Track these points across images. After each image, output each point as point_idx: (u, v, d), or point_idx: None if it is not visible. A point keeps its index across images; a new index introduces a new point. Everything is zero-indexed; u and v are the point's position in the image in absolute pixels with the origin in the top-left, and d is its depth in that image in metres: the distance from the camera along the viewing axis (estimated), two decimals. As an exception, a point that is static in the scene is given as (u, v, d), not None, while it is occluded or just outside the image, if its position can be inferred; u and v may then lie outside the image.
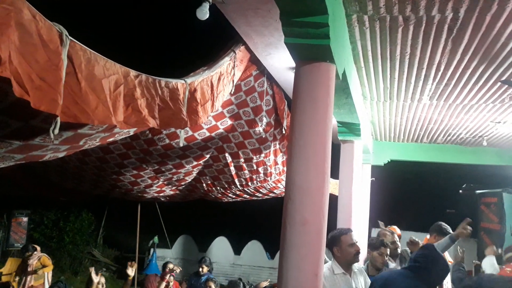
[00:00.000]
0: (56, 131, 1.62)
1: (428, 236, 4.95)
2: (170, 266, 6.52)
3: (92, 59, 1.75)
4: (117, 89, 1.99)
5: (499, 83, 4.42)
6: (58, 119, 1.61)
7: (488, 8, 2.97)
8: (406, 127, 7.05)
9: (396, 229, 5.46)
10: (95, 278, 5.11)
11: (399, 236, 5.32)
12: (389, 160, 8.55)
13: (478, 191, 10.39)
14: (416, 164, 8.95)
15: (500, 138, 7.14)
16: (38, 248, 7.27)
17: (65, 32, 1.51)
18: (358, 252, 3.56)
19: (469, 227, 4.03)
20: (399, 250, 5.24)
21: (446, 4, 2.96)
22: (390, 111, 6.05)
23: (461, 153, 8.07)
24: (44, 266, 7.04)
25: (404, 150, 8.37)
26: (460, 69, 4.17)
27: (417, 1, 2.94)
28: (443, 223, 4.73)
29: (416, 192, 15.29)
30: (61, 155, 2.74)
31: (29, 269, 6.89)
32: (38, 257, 7.10)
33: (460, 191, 11.51)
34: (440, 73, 4.33)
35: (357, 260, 3.66)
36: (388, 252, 4.38)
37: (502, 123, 6.10)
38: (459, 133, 7.09)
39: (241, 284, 5.49)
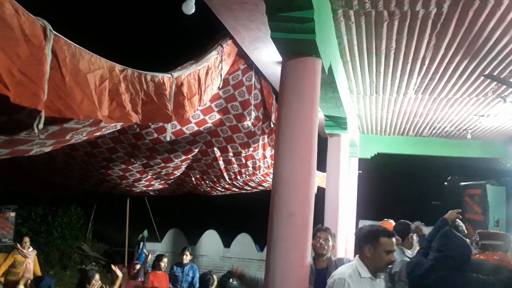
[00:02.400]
0: (41, 125, 1.63)
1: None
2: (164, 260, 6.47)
3: (77, 53, 1.75)
4: (102, 83, 2.00)
5: (482, 77, 4.50)
6: (43, 114, 1.61)
7: (470, 4, 3.03)
8: (392, 121, 7.14)
9: (391, 223, 5.49)
10: (120, 274, 5.29)
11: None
12: (376, 153, 8.65)
13: (462, 183, 10.55)
14: (402, 157, 9.08)
15: (484, 131, 7.27)
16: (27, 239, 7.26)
17: (49, 26, 1.51)
18: (391, 262, 2.93)
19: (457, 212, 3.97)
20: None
21: (430, 0, 3.01)
22: (376, 105, 6.12)
23: (446, 146, 8.21)
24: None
25: (391, 143, 8.48)
26: (444, 64, 4.24)
27: (401, -4, 2.98)
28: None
29: (402, 185, 15.49)
30: (47, 149, 2.73)
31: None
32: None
33: (445, 183, 11.68)
34: (425, 68, 4.40)
35: (385, 271, 3.06)
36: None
37: (485, 116, 6.22)
38: (444, 126, 7.20)
39: (212, 277, 5.51)
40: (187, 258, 6.61)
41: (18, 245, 7.11)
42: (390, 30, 3.56)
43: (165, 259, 6.40)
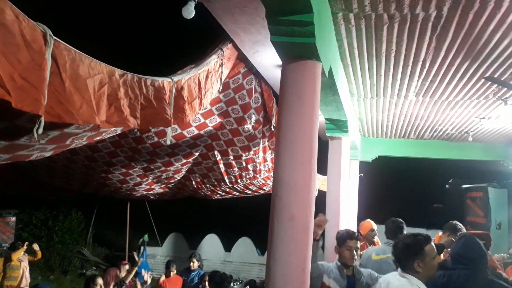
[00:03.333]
0: (40, 130, 1.62)
1: (440, 233, 4.95)
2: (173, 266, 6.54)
3: (77, 58, 1.75)
4: (101, 88, 2.00)
5: (483, 80, 4.49)
6: (42, 119, 1.61)
7: (470, 6, 3.03)
8: (393, 124, 7.13)
9: (371, 223, 5.57)
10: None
11: (373, 229, 5.42)
12: (377, 156, 8.64)
13: (464, 186, 10.54)
14: (403, 160, 9.06)
15: (485, 133, 7.26)
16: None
17: (49, 32, 1.51)
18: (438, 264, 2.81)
19: None
20: None
21: (429, 2, 3.01)
22: (377, 107, 6.11)
23: (447, 148, 8.19)
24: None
25: (392, 146, 8.47)
26: (445, 66, 4.23)
27: (401, -1, 2.98)
28: (458, 223, 4.72)
29: (403, 187, 15.46)
30: (48, 154, 2.73)
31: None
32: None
33: (447, 186, 11.67)
34: (425, 70, 4.39)
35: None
36: None
37: (486, 118, 6.21)
38: (445, 129, 7.18)
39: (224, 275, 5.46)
40: (194, 264, 6.59)
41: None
42: (390, 33, 3.56)
43: (175, 265, 6.51)
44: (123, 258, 10.56)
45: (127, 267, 6.33)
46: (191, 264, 6.61)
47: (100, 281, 5.16)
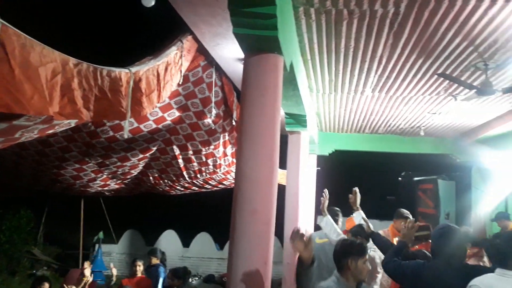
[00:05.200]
0: (-13, 122, 1.51)
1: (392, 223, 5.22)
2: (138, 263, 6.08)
3: (28, 45, 1.63)
4: (54, 78, 1.88)
5: (435, 76, 4.67)
6: (-11, 110, 1.49)
7: (426, 4, 3.13)
8: (350, 118, 7.30)
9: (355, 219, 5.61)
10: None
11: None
12: (334, 150, 8.83)
13: (415, 178, 11.00)
14: (359, 154, 9.31)
15: (436, 128, 7.59)
16: None
17: (-4, 15, 1.40)
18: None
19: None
20: None
21: (388, -1, 3.08)
22: (334, 103, 6.23)
23: (400, 142, 8.50)
24: None
25: (348, 140, 8.68)
26: (401, 62, 4.36)
27: (361, -5, 3.03)
28: (405, 210, 5.17)
29: (359, 180, 15.83)
30: (-6, 148, 2.56)
31: None
32: None
33: (399, 178, 12.13)
34: (382, 66, 4.51)
35: None
36: None
37: (437, 114, 6.49)
38: (398, 123, 7.44)
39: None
40: (140, 269, 6.19)
41: None
42: (350, 29, 3.62)
43: (140, 262, 5.99)
44: (76, 257, 10.19)
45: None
46: (150, 261, 6.36)
47: (47, 285, 4.91)
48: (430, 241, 3.96)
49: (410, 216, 4.98)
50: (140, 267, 5.97)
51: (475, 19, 3.31)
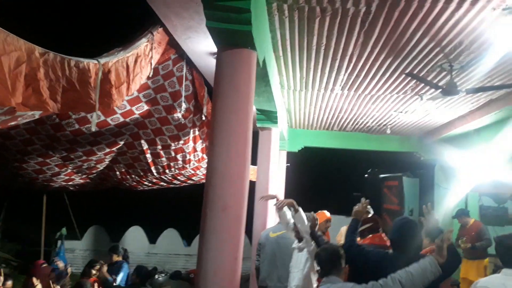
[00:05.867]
0: None
1: None
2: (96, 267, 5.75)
3: (-10, 31, 1.55)
4: (18, 67, 1.79)
5: (403, 76, 4.79)
6: None
7: (397, 4, 3.19)
8: (319, 116, 7.38)
9: (325, 213, 5.65)
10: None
11: (329, 220, 5.53)
12: (303, 147, 8.92)
13: (381, 175, 11.28)
14: (327, 151, 9.46)
15: (402, 126, 7.80)
16: None
17: (-45, -2, 1.31)
18: None
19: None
20: None
21: (360, -2, 3.12)
22: (305, 100, 6.28)
23: (367, 140, 8.70)
24: None
25: (317, 137, 8.80)
26: (370, 61, 4.44)
27: (334, -7, 3.05)
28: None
29: (326, 177, 16.17)
30: (-50, 140, 2.41)
31: None
32: None
33: (366, 175, 12.41)
34: (352, 65, 4.58)
35: None
36: None
37: (404, 112, 6.66)
38: (366, 121, 7.59)
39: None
40: (113, 258, 6.03)
41: None
42: (322, 26, 3.64)
43: (98, 266, 5.65)
44: (37, 254, 9.84)
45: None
46: (111, 259, 6.15)
47: (10, 283, 4.71)
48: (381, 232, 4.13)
49: (371, 210, 5.11)
50: (97, 272, 5.70)
51: (443, 21, 3.41)
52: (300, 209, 4.08)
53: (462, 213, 7.13)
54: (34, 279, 4.79)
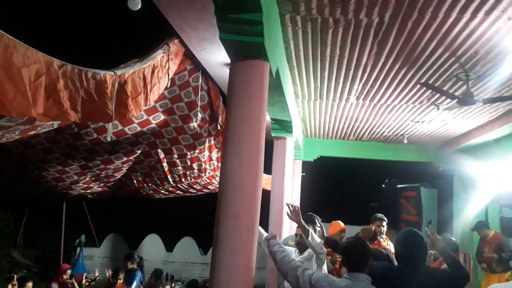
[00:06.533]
0: (-33, 122, 1.49)
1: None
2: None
3: (11, 45, 1.62)
4: (38, 79, 1.86)
5: (418, 86, 4.76)
6: (-30, 110, 1.47)
7: (410, 15, 3.19)
8: (335, 125, 7.36)
9: (340, 224, 5.63)
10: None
11: (344, 230, 5.51)
12: (319, 156, 8.89)
13: (398, 186, 11.14)
14: (343, 160, 9.40)
15: (419, 136, 7.70)
16: None
17: (-22, 15, 1.39)
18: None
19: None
20: None
21: (373, 9, 3.13)
22: (320, 109, 6.28)
23: (384, 150, 8.60)
24: None
25: (332, 147, 8.76)
26: (385, 71, 4.43)
27: (346, 4, 3.08)
28: (377, 213, 5.31)
29: (343, 187, 16.05)
30: (-26, 149, 2.52)
31: None
32: None
33: (383, 185, 12.28)
34: (366, 74, 4.57)
35: None
36: None
37: (420, 122, 6.59)
38: (382, 131, 7.53)
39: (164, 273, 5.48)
40: (128, 266, 6.13)
41: None
42: (335, 37, 3.67)
43: (121, 276, 5.70)
44: (57, 260, 10.01)
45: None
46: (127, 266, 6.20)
47: (30, 285, 4.82)
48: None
49: (384, 218, 5.15)
50: (121, 280, 5.81)
51: (457, 31, 3.39)
52: (311, 233, 4.05)
53: (482, 225, 6.98)
54: (53, 284, 4.89)
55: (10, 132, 2.32)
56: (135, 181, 6.71)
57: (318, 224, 4.93)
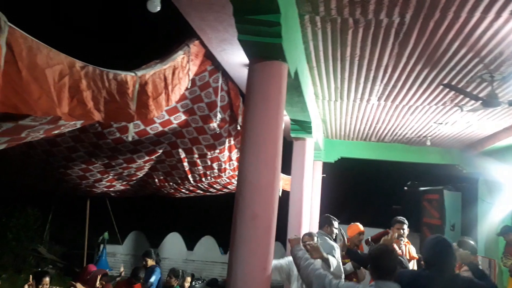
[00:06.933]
0: (-6, 122, 1.55)
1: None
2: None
3: (34, 47, 1.67)
4: (61, 79, 1.92)
5: (441, 87, 4.67)
6: (-4, 110, 1.53)
7: (431, 15, 3.14)
8: (356, 126, 7.30)
9: (359, 226, 5.58)
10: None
11: (363, 232, 5.45)
12: (339, 158, 8.82)
13: (421, 188, 10.94)
14: (364, 162, 9.30)
15: (442, 138, 7.56)
16: None
17: (3, 18, 1.43)
18: None
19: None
20: None
21: (393, 9, 3.10)
22: (340, 110, 6.24)
23: (406, 152, 8.47)
24: None
25: (354, 148, 8.67)
26: (406, 72, 4.37)
27: (366, 5, 3.06)
28: (398, 216, 5.22)
29: (364, 189, 15.87)
30: (1, 147, 2.61)
31: None
32: None
33: (405, 188, 12.08)
34: (387, 75, 4.52)
35: None
36: None
37: (444, 124, 6.46)
38: (405, 132, 7.43)
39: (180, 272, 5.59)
40: (148, 263, 6.25)
41: None
42: (355, 38, 3.64)
43: (142, 275, 5.84)
44: (81, 256, 10.26)
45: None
46: (144, 263, 6.30)
47: (47, 280, 4.87)
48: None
49: (405, 221, 5.07)
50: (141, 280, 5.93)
51: (480, 31, 3.32)
52: (330, 260, 4.03)
53: (508, 229, 6.79)
54: (79, 284, 4.98)
55: (34, 132, 2.40)
56: (156, 180, 6.82)
57: (336, 226, 4.97)
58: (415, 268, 5.21)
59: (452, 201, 9.55)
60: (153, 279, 5.85)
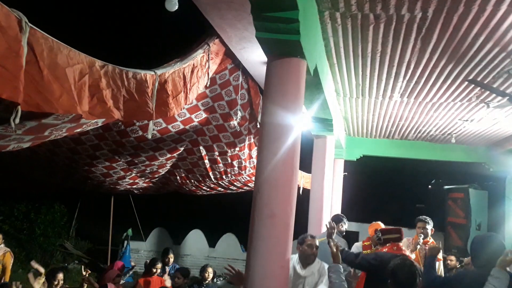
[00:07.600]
0: (17, 120, 1.59)
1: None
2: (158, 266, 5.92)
3: (55, 47, 1.71)
4: (81, 78, 1.96)
5: (466, 82, 4.55)
6: (19, 108, 1.57)
7: (455, 9, 3.06)
8: (378, 124, 7.19)
9: (380, 225, 5.51)
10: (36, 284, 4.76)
11: None
12: (362, 155, 8.71)
13: (446, 187, 10.69)
14: (387, 160, 9.15)
15: (468, 135, 7.36)
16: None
17: (24, 19, 1.47)
18: None
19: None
20: None
21: (415, 4, 3.04)
22: (362, 107, 6.15)
23: (430, 149, 8.29)
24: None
25: (376, 146, 8.54)
26: (429, 68, 4.27)
27: (387, 0, 3.00)
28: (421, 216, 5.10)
29: (387, 187, 15.61)
30: (25, 145, 2.68)
31: None
32: (3, 252, 6.62)
33: (429, 186, 11.83)
34: (410, 71, 4.43)
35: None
36: None
37: (469, 121, 6.29)
38: (429, 130, 7.27)
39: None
40: (170, 261, 6.32)
41: None
42: (376, 33, 3.58)
43: (159, 265, 5.91)
44: (106, 252, 10.48)
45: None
46: (167, 260, 6.35)
47: (61, 276, 4.90)
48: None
49: (427, 220, 4.98)
50: (158, 270, 6.00)
51: (507, 25, 3.21)
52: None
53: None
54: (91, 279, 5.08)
55: (57, 130, 2.46)
56: (178, 177, 6.89)
57: (344, 221, 5.11)
58: (441, 269, 5.12)
59: (478, 199, 9.31)
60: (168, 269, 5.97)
